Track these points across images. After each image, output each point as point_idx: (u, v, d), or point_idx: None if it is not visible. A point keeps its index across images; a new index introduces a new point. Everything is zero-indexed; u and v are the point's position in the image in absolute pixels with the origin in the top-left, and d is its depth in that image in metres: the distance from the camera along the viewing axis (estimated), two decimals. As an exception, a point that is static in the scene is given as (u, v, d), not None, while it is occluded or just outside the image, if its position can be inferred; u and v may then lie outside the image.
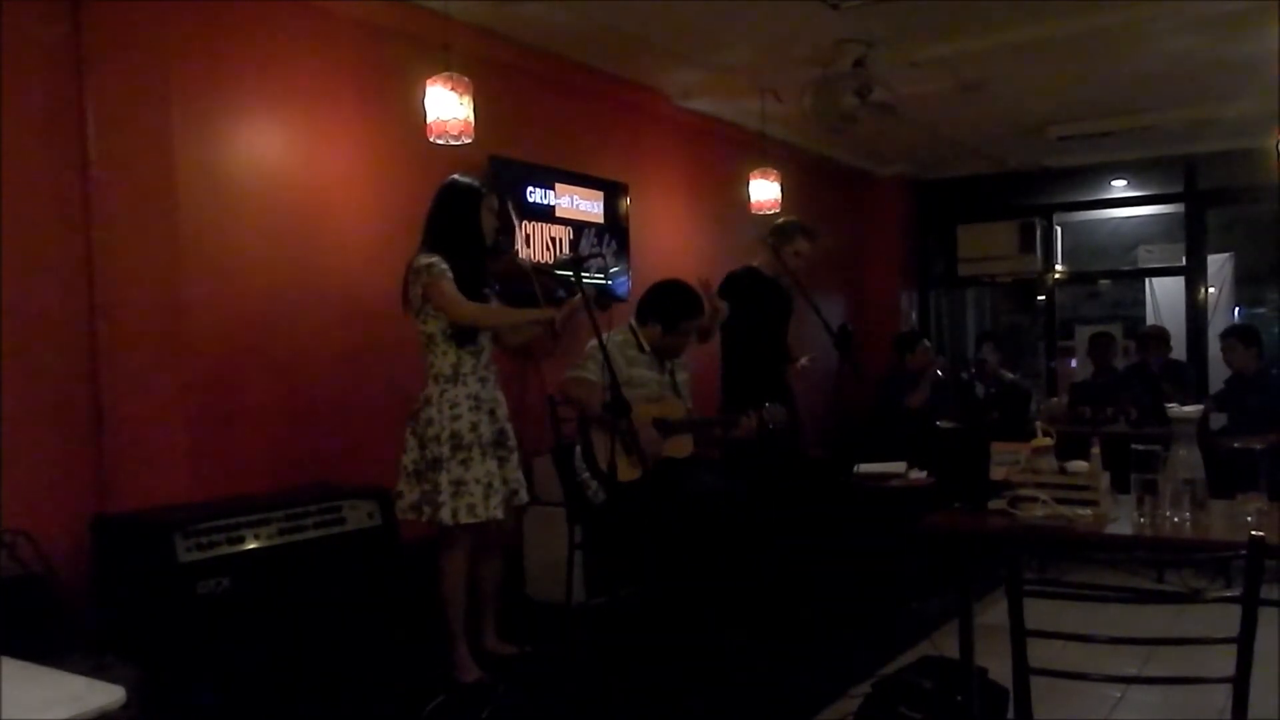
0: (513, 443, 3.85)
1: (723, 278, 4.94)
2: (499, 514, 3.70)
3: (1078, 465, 3.00)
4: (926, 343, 7.34)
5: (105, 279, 3.51)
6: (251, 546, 3.36)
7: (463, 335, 3.70)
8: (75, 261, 3.48)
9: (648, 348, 4.35)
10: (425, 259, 3.64)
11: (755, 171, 6.29)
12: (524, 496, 3.90)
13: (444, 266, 3.62)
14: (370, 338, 4.42)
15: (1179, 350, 7.80)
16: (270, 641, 3.36)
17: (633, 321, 4.42)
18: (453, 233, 3.76)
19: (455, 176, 3.88)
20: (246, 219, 4.04)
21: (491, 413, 3.77)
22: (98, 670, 2.43)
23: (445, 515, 3.62)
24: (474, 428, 3.67)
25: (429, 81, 4.17)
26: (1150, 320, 8.95)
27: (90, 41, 3.50)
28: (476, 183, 3.87)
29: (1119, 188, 8.84)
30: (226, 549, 3.30)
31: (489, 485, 3.67)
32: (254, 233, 4.06)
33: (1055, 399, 7.69)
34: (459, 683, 3.72)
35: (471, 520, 3.65)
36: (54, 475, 3.38)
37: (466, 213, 3.79)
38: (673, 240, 6.33)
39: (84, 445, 3.49)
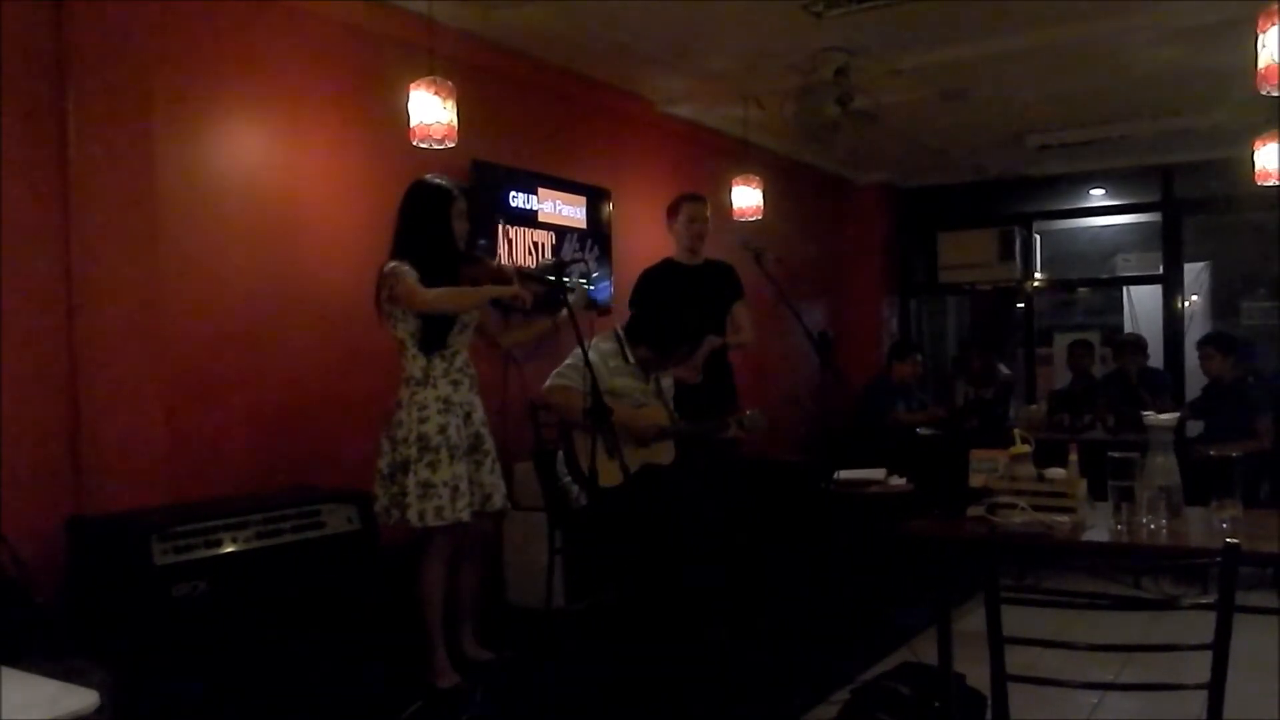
0: (488, 446, 3.82)
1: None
2: (465, 517, 3.66)
3: (1055, 472, 3.02)
4: (919, 356, 7.34)
5: (83, 280, 3.48)
6: (229, 550, 3.34)
7: (430, 340, 3.68)
8: (53, 262, 3.44)
9: (633, 359, 4.35)
10: (389, 265, 3.63)
11: (737, 178, 6.30)
12: (498, 502, 3.84)
13: (407, 267, 3.59)
14: (351, 341, 4.40)
15: (1156, 358, 7.87)
16: (247, 646, 3.33)
17: (620, 332, 4.40)
18: (420, 236, 3.71)
19: (424, 177, 3.83)
20: (227, 222, 4.02)
21: (467, 416, 3.74)
22: (71, 674, 2.39)
23: (412, 517, 3.61)
24: (442, 430, 3.64)
25: (412, 85, 4.16)
26: (1128, 328, 9.01)
27: (71, 43, 3.47)
28: (446, 184, 3.81)
29: (1097, 196, 8.91)
30: (203, 552, 3.27)
31: (456, 488, 3.64)
32: (235, 236, 4.04)
33: (1034, 406, 7.74)
34: (436, 688, 3.71)
35: (439, 523, 3.62)
36: (29, 476, 3.35)
37: (434, 215, 3.73)
38: (655, 246, 6.30)
39: (60, 446, 3.45)
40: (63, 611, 3.32)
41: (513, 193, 5.24)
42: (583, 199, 5.68)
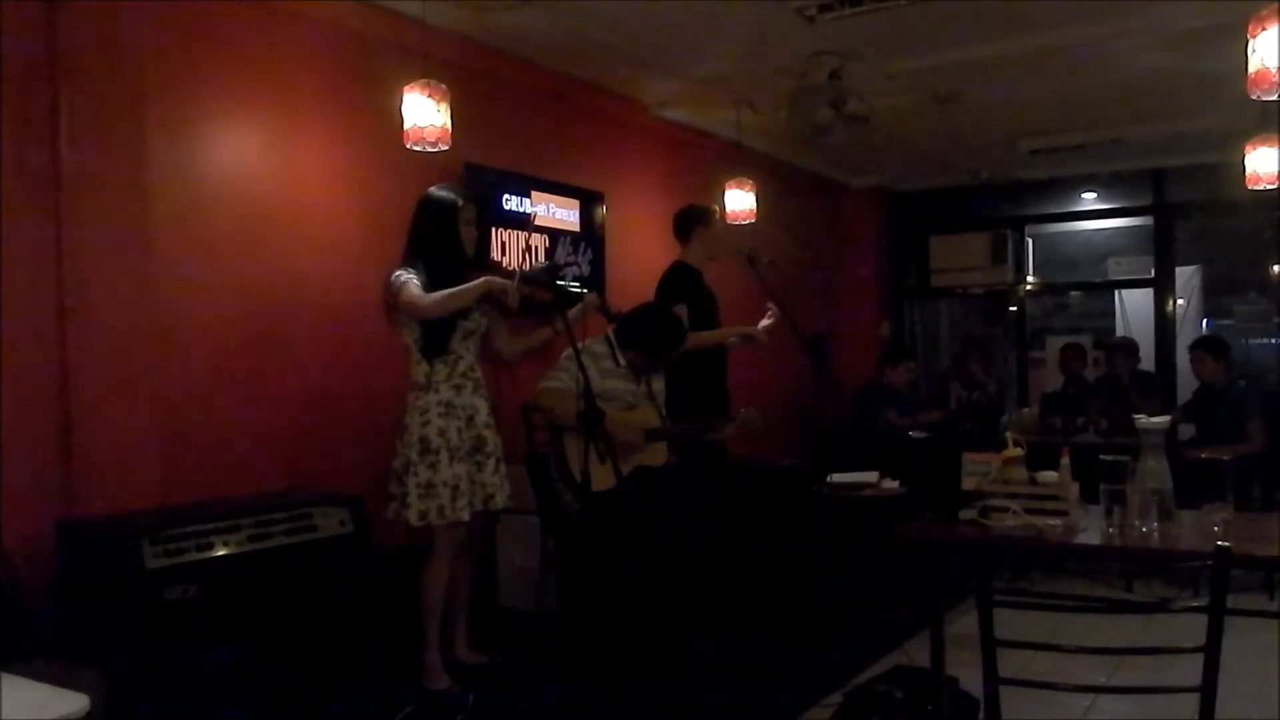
0: (491, 448, 3.86)
1: (660, 279, 4.95)
2: (464, 515, 3.71)
3: (1047, 476, 3.02)
4: (911, 364, 7.33)
5: (76, 282, 3.47)
6: (220, 553, 3.33)
7: (431, 347, 3.72)
8: (46, 264, 3.44)
9: (623, 362, 4.35)
10: (396, 272, 3.69)
11: (731, 181, 6.30)
12: (500, 501, 3.89)
13: (409, 275, 3.65)
14: (345, 344, 4.40)
15: (1148, 361, 7.89)
16: (238, 649, 3.32)
17: (611, 335, 4.40)
18: (431, 246, 3.77)
19: (432, 189, 3.87)
20: (221, 224, 4.01)
21: (469, 419, 3.79)
22: (62, 678, 2.39)
23: (412, 516, 3.68)
24: (442, 433, 3.70)
25: (407, 88, 4.15)
26: (1120, 331, 9.04)
27: (64, 45, 3.46)
28: (453, 194, 3.85)
29: (1089, 200, 8.94)
30: (195, 555, 3.26)
31: (455, 488, 3.70)
32: (228, 238, 4.04)
33: (1026, 409, 7.76)
34: (428, 690, 3.71)
35: (440, 522, 3.67)
36: (21, 479, 3.33)
37: (444, 226, 3.79)
38: (648, 250, 6.32)
39: (51, 449, 3.44)
40: (54, 615, 3.31)
41: (506, 196, 5.24)
42: (576, 202, 5.68)
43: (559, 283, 3.80)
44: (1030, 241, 9.18)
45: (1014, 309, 9.26)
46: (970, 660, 2.29)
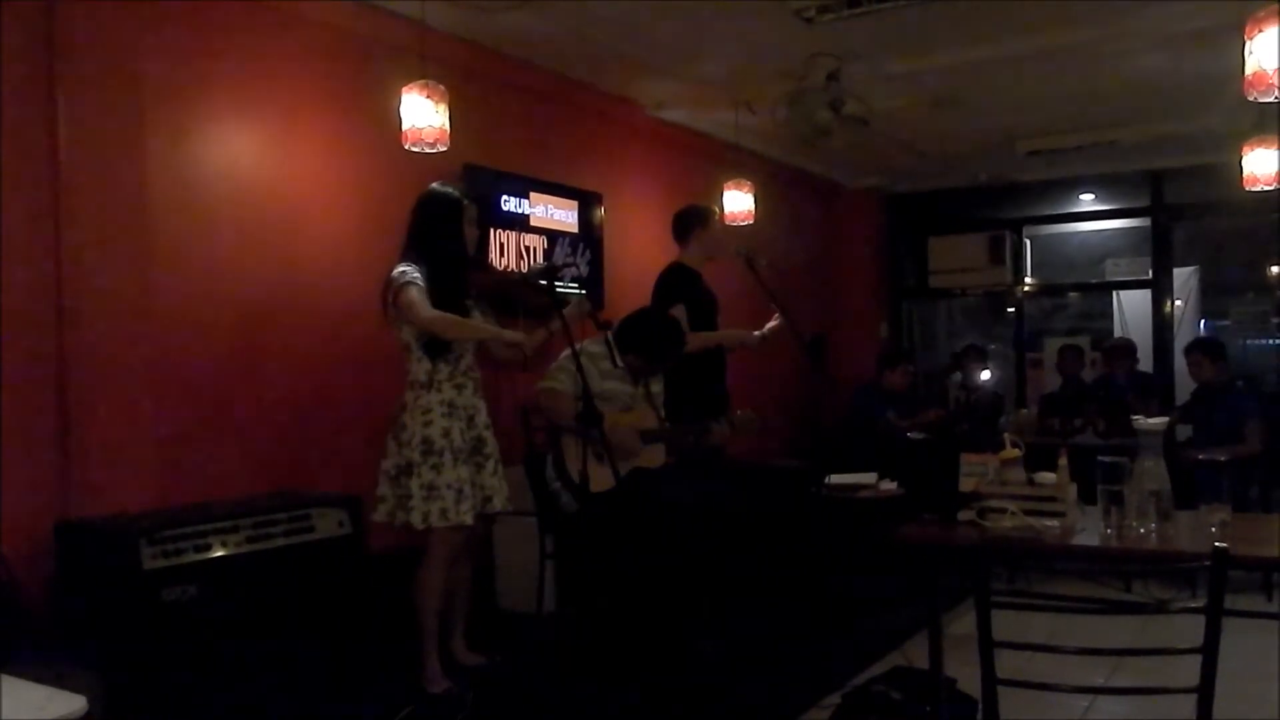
0: (490, 449, 3.84)
1: (657, 280, 4.94)
2: (469, 519, 3.68)
3: (1045, 477, 3.02)
4: (910, 365, 7.32)
5: (74, 283, 3.47)
6: (219, 554, 3.33)
7: (435, 345, 3.69)
8: (44, 265, 3.44)
9: (621, 364, 4.35)
10: (399, 269, 3.65)
11: (729, 182, 6.31)
12: (498, 504, 3.87)
13: (414, 275, 3.62)
14: (343, 345, 4.39)
15: (1145, 362, 7.90)
16: (236, 651, 3.32)
17: (610, 337, 4.41)
18: (433, 243, 3.74)
19: (435, 186, 3.85)
20: (219, 225, 4.01)
21: (470, 419, 3.77)
22: (59, 679, 2.38)
23: (415, 519, 3.63)
24: (446, 434, 3.67)
25: (405, 89, 4.15)
26: (1117, 332, 9.05)
27: (62, 46, 3.46)
28: (456, 192, 3.84)
29: (1087, 202, 8.95)
30: (193, 556, 3.26)
31: (460, 491, 3.66)
32: (226, 238, 4.04)
33: (1025, 410, 7.76)
34: (428, 693, 3.70)
35: (443, 524, 3.64)
36: (18, 479, 3.33)
37: (447, 223, 3.77)
38: (646, 251, 6.32)
39: (49, 449, 3.44)
40: (51, 616, 3.31)
41: (504, 197, 5.24)
42: (574, 203, 5.68)
43: (554, 284, 3.80)
44: (1028, 243, 9.19)
45: (1012, 310, 9.27)
46: (969, 661, 2.29)
